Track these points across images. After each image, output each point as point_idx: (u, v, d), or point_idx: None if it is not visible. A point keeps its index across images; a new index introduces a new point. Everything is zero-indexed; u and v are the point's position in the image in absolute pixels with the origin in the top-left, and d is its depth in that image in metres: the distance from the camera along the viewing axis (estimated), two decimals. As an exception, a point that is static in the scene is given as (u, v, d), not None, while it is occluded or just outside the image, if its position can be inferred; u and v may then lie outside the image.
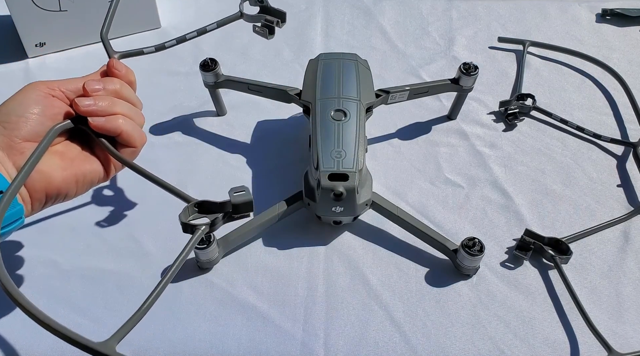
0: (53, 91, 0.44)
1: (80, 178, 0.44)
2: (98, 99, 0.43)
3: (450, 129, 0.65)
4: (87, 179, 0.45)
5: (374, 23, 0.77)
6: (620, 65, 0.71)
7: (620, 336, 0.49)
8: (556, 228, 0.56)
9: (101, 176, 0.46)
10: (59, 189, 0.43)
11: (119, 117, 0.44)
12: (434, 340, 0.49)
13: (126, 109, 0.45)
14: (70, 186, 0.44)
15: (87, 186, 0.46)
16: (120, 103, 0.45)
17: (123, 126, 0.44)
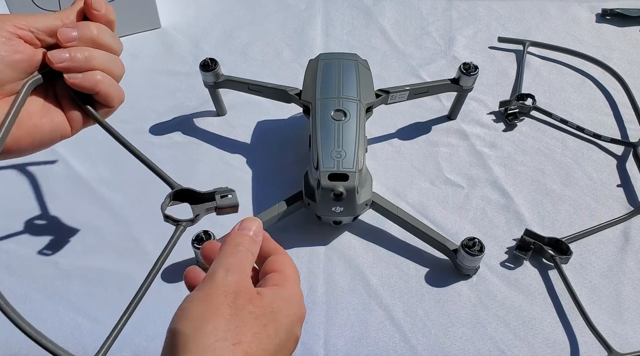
0: (20, 31, 0.36)
1: (37, 138, 0.38)
2: (74, 52, 0.37)
3: (450, 129, 0.65)
4: (45, 139, 0.38)
5: (374, 23, 0.77)
6: (620, 65, 0.71)
7: (620, 336, 0.49)
8: (556, 228, 0.56)
9: (65, 133, 0.39)
10: (8, 149, 0.36)
11: (97, 73, 0.38)
12: (433, 339, 0.49)
13: (105, 62, 0.38)
14: (23, 146, 0.37)
15: (46, 145, 0.39)
16: (99, 55, 0.38)
17: (101, 84, 0.38)
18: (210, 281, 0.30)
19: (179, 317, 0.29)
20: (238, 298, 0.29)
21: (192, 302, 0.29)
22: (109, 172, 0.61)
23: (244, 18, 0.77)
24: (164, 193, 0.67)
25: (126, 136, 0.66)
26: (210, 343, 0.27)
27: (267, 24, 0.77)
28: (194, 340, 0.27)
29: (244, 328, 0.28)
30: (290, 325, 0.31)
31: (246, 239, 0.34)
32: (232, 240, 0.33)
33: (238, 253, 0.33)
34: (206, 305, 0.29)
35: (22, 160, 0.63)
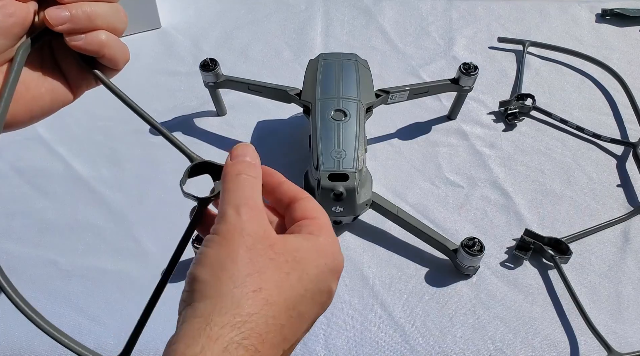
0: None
1: (36, 111, 0.33)
2: (75, 9, 0.32)
3: (450, 129, 0.65)
4: (45, 109, 0.34)
5: (374, 23, 0.77)
6: (620, 65, 0.71)
7: (620, 336, 0.49)
8: (556, 227, 0.56)
9: (66, 100, 0.35)
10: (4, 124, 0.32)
11: (102, 33, 0.33)
12: (433, 339, 0.49)
13: (109, 17, 0.34)
14: (21, 121, 0.33)
15: (46, 115, 0.35)
16: (101, 10, 0.33)
17: (107, 46, 0.33)
18: (223, 222, 0.28)
19: (198, 262, 0.27)
20: (257, 242, 0.27)
21: (210, 246, 0.27)
22: (109, 173, 0.61)
23: (244, 18, 0.77)
24: (163, 193, 0.67)
25: (126, 136, 0.66)
26: (229, 289, 0.26)
27: (267, 24, 0.77)
28: (213, 287, 0.26)
29: (264, 275, 0.26)
30: (320, 276, 0.29)
31: (244, 165, 0.31)
32: (229, 172, 0.30)
33: (240, 184, 0.30)
34: (223, 249, 0.27)
35: (22, 160, 0.63)
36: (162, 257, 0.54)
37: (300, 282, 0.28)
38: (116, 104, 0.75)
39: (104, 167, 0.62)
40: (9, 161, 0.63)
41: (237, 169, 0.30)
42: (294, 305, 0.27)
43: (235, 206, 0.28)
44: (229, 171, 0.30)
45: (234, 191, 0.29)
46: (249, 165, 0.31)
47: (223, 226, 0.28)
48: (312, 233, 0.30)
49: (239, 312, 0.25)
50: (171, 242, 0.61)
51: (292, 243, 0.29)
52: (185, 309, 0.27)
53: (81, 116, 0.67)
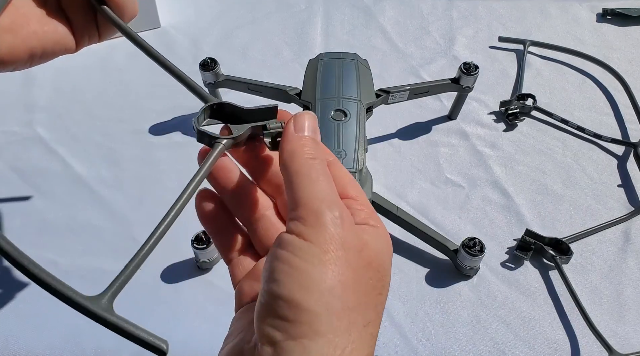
0: None
1: (37, 50, 0.30)
2: None
3: (451, 129, 0.65)
4: (47, 50, 0.31)
5: (374, 23, 0.77)
6: (621, 65, 0.71)
7: (621, 337, 0.49)
8: (557, 228, 0.56)
9: (69, 48, 0.32)
10: (1, 60, 0.29)
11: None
12: (434, 340, 0.49)
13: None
14: (19, 57, 0.30)
15: (46, 58, 0.32)
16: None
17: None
18: (320, 228, 0.22)
19: (297, 283, 0.21)
20: (358, 258, 0.23)
21: (310, 262, 0.22)
22: (109, 173, 0.61)
23: (243, 18, 0.77)
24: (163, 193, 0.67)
25: (126, 135, 0.66)
26: (345, 327, 0.21)
27: (267, 24, 0.76)
28: (326, 321, 0.21)
29: (369, 304, 0.23)
30: (389, 281, 0.25)
31: (314, 145, 0.25)
32: (298, 153, 0.25)
33: (322, 172, 0.24)
34: (330, 270, 0.22)
35: (21, 160, 0.63)
36: (161, 257, 0.54)
37: (386, 297, 0.24)
38: (116, 104, 0.75)
39: (103, 167, 0.62)
40: (7, 160, 0.62)
41: (310, 150, 0.25)
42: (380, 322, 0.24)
43: (330, 207, 0.23)
44: (298, 151, 0.25)
45: (316, 182, 0.24)
46: (319, 145, 0.26)
47: (322, 234, 0.22)
48: (369, 222, 0.25)
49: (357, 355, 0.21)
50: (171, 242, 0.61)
51: (379, 253, 0.24)
52: (287, 345, 0.21)
53: (80, 116, 0.66)
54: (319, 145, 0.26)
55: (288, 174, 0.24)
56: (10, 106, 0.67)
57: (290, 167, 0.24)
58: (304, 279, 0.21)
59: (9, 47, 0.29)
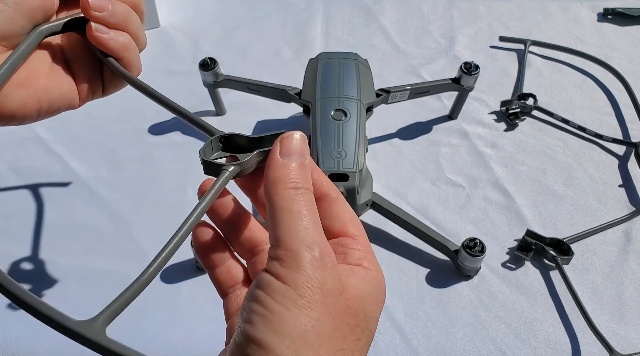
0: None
1: (44, 104, 0.31)
2: (116, 4, 0.31)
3: (451, 129, 0.65)
4: (53, 105, 0.31)
5: (375, 22, 0.76)
6: (622, 64, 0.70)
7: (622, 337, 0.49)
8: (557, 228, 0.56)
9: (73, 103, 0.33)
10: (12, 114, 0.29)
11: (126, 36, 0.32)
12: (434, 340, 0.49)
13: (138, 27, 0.33)
14: (28, 112, 0.30)
15: (52, 113, 0.32)
16: (135, 18, 0.32)
17: (129, 48, 0.32)
18: (298, 271, 0.21)
19: (269, 326, 0.21)
20: (337, 302, 0.22)
21: (285, 305, 0.21)
22: (108, 173, 0.61)
23: (243, 17, 0.77)
24: (162, 194, 0.67)
25: (125, 135, 0.66)
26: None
27: (267, 23, 0.76)
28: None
29: (344, 350, 0.22)
30: (375, 328, 0.24)
31: (301, 173, 0.24)
32: (282, 181, 0.23)
33: (305, 205, 0.23)
34: (304, 315, 0.21)
35: (21, 160, 0.62)
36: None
37: (367, 345, 0.24)
38: (116, 105, 0.75)
39: (102, 167, 0.62)
40: (7, 161, 0.62)
41: (294, 179, 0.24)
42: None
43: (310, 247, 0.22)
44: (281, 180, 0.24)
45: (297, 218, 0.23)
46: (305, 171, 0.24)
47: (298, 276, 0.21)
48: (363, 264, 0.24)
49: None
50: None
51: (362, 297, 0.23)
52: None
53: (80, 116, 0.66)
54: (306, 173, 0.24)
55: (270, 207, 0.23)
56: (10, 105, 0.67)
57: (272, 199, 0.23)
58: (277, 323, 0.21)
59: (21, 101, 0.29)
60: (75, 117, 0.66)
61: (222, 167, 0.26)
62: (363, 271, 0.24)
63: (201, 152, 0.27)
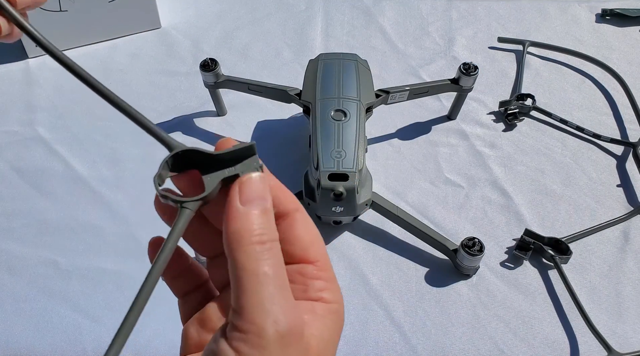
0: None
1: None
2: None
3: (450, 129, 0.65)
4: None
5: (374, 23, 0.77)
6: (620, 65, 0.71)
7: (620, 336, 0.49)
8: (556, 227, 0.56)
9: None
10: None
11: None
12: (433, 339, 0.49)
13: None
14: None
15: None
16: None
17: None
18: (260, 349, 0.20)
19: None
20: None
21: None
22: (109, 172, 0.61)
23: (244, 18, 0.77)
24: (164, 193, 0.66)
25: (126, 135, 0.66)
26: None
27: (267, 24, 0.77)
28: None
29: None
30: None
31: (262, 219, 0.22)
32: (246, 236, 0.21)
33: (271, 267, 0.21)
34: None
35: (22, 160, 0.63)
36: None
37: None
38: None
39: (104, 167, 0.62)
40: (8, 160, 0.63)
41: (258, 231, 0.21)
42: None
43: (275, 321, 0.20)
44: (244, 235, 0.21)
45: (263, 283, 0.20)
46: (269, 217, 0.22)
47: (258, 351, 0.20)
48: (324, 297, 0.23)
49: None
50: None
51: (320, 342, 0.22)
52: None
53: (81, 115, 0.67)
54: (270, 220, 0.22)
55: (232, 264, 0.21)
56: (11, 106, 0.68)
57: (235, 257, 0.21)
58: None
59: None
60: (76, 117, 0.67)
61: (182, 203, 0.22)
62: (323, 308, 0.23)
63: (156, 178, 0.23)
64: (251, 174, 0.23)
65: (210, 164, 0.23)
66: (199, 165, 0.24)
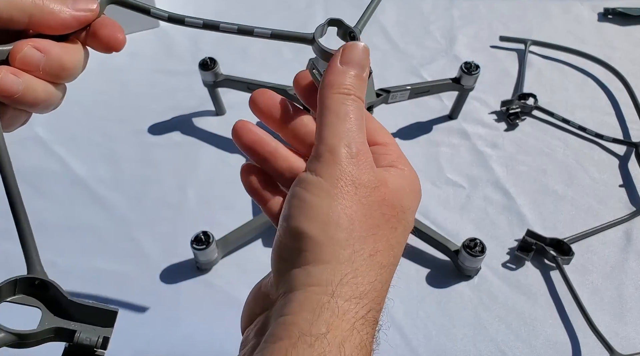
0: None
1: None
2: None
3: (452, 129, 0.65)
4: None
5: (375, 22, 0.76)
6: (623, 64, 0.70)
7: (622, 337, 0.49)
8: (558, 228, 0.56)
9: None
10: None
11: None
12: (435, 341, 0.49)
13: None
14: None
15: None
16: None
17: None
18: (334, 165, 0.23)
19: (304, 214, 0.23)
20: (371, 194, 0.23)
21: (317, 195, 0.23)
22: (108, 173, 0.61)
23: (243, 17, 0.77)
24: (163, 193, 0.66)
25: (125, 136, 0.66)
26: (348, 254, 0.22)
27: (267, 23, 0.76)
28: (328, 250, 0.22)
29: (378, 236, 0.23)
30: (413, 220, 0.26)
31: (356, 81, 0.25)
32: (336, 86, 0.25)
33: (351, 110, 0.24)
34: (336, 203, 0.23)
35: (20, 160, 0.62)
36: (160, 258, 0.54)
37: (404, 234, 0.25)
38: (115, 104, 0.75)
39: (102, 167, 0.61)
40: (7, 160, 0.62)
41: (348, 86, 0.25)
42: (399, 258, 0.25)
43: (348, 145, 0.24)
44: (335, 85, 0.25)
45: (342, 120, 0.24)
46: (361, 81, 0.25)
47: (333, 170, 0.23)
48: (396, 165, 0.26)
49: (360, 281, 0.22)
50: (169, 243, 0.61)
51: (397, 191, 0.25)
52: (292, 272, 0.22)
53: (79, 116, 0.66)
54: (361, 84, 0.25)
55: (320, 108, 0.25)
56: (10, 105, 0.67)
57: (324, 100, 0.25)
58: (310, 211, 0.23)
59: None
60: (75, 117, 0.67)
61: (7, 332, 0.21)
62: (396, 171, 0.26)
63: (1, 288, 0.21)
64: (357, 42, 0.26)
65: (62, 309, 0.22)
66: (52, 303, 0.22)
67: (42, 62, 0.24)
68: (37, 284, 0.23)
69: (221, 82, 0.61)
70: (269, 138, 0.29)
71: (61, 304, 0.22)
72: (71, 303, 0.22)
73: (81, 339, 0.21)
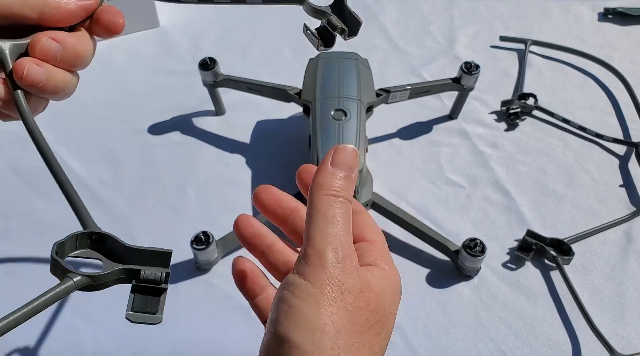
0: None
1: None
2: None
3: (452, 129, 0.65)
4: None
5: (375, 22, 0.76)
6: (623, 64, 0.70)
7: (623, 338, 0.49)
8: (558, 228, 0.56)
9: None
10: None
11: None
12: (435, 341, 0.49)
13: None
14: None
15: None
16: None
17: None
18: (321, 269, 0.24)
19: (291, 320, 0.23)
20: (357, 300, 0.24)
21: (305, 300, 0.23)
22: (108, 173, 0.61)
23: (243, 17, 0.77)
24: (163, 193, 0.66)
25: (124, 136, 0.66)
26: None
27: (267, 23, 0.76)
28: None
29: (362, 343, 0.24)
30: (393, 324, 0.26)
31: (344, 183, 0.26)
32: (325, 187, 0.25)
33: (339, 215, 0.25)
34: (324, 310, 0.23)
35: (20, 160, 0.62)
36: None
37: (386, 339, 0.26)
38: (115, 104, 0.75)
39: (102, 167, 0.61)
40: (6, 161, 0.62)
41: (337, 188, 0.26)
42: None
43: (335, 250, 0.24)
44: (324, 186, 0.26)
45: (330, 222, 0.25)
46: (349, 182, 0.26)
47: (321, 274, 0.24)
48: (378, 264, 0.27)
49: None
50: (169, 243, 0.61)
51: (380, 294, 0.25)
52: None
53: (79, 116, 0.66)
54: (349, 185, 0.26)
55: (309, 208, 0.26)
56: (9, 105, 0.67)
57: (313, 201, 0.26)
58: (298, 317, 0.23)
59: None
60: (75, 117, 0.66)
61: (68, 273, 0.23)
62: (378, 271, 0.26)
63: (55, 246, 0.23)
64: (346, 145, 0.27)
65: (119, 256, 0.24)
66: (109, 253, 0.24)
67: (60, 52, 0.26)
68: (94, 239, 0.25)
69: (221, 82, 0.61)
70: (268, 232, 0.31)
71: (119, 253, 0.24)
72: (129, 249, 0.24)
73: (147, 275, 0.24)
